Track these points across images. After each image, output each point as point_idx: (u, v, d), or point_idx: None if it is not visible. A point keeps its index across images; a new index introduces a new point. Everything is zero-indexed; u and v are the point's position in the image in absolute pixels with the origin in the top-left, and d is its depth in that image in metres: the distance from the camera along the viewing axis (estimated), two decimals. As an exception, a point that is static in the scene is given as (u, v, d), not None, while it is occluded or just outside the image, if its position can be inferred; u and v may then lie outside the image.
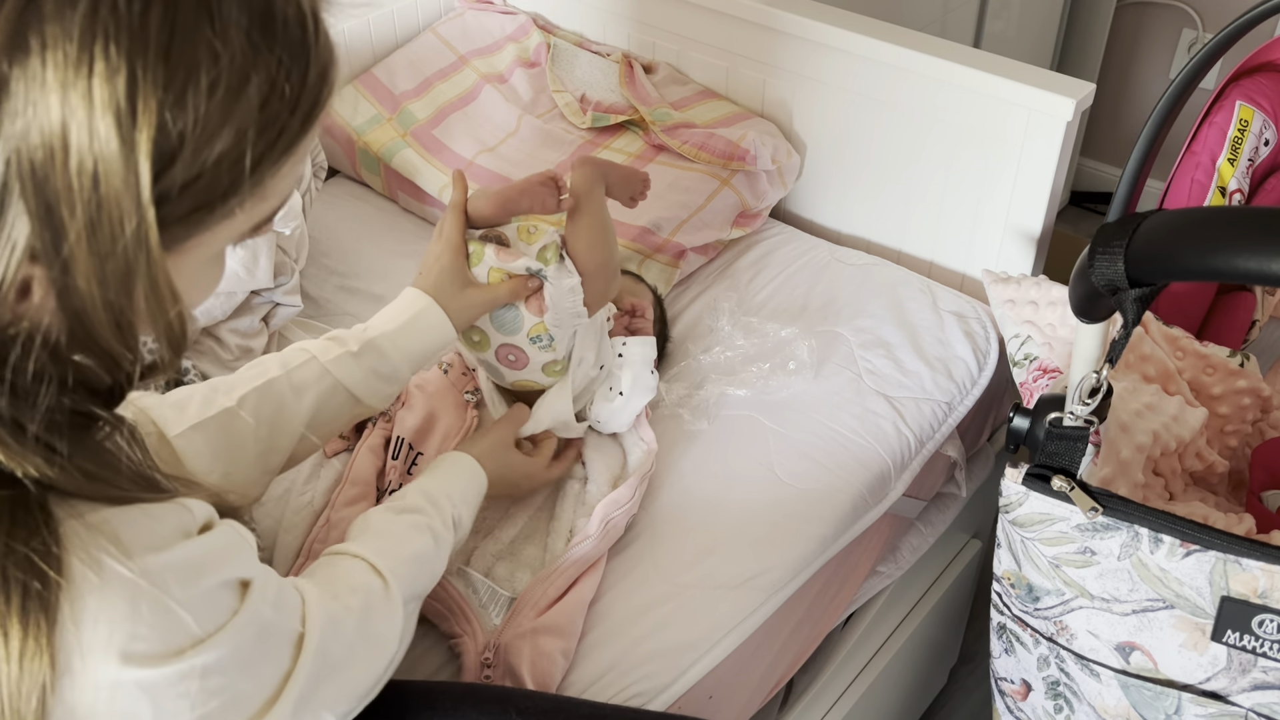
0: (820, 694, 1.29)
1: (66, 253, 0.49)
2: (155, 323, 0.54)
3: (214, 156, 0.51)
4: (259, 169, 0.53)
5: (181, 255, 0.54)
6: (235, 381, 0.89)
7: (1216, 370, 1.13)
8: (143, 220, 0.49)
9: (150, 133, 0.48)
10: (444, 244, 1.00)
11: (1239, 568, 0.81)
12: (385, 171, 1.57)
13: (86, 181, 0.47)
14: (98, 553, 0.53)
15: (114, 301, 0.51)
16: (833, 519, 1.12)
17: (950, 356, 1.30)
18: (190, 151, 0.50)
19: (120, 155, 0.48)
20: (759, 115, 1.55)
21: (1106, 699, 0.93)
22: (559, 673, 0.96)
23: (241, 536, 0.65)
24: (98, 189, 0.48)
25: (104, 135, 0.47)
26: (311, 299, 1.40)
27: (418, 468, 1.11)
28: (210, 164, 0.51)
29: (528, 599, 1.00)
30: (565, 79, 1.64)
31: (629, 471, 1.14)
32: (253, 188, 0.54)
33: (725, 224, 1.46)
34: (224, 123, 0.50)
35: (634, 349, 1.11)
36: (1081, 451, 0.85)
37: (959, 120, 1.36)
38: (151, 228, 0.49)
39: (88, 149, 0.47)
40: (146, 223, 0.49)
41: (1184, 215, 0.71)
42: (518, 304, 1.00)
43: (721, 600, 1.03)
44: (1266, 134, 1.31)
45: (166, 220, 0.51)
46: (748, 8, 1.47)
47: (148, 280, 0.51)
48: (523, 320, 0.99)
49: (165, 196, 0.50)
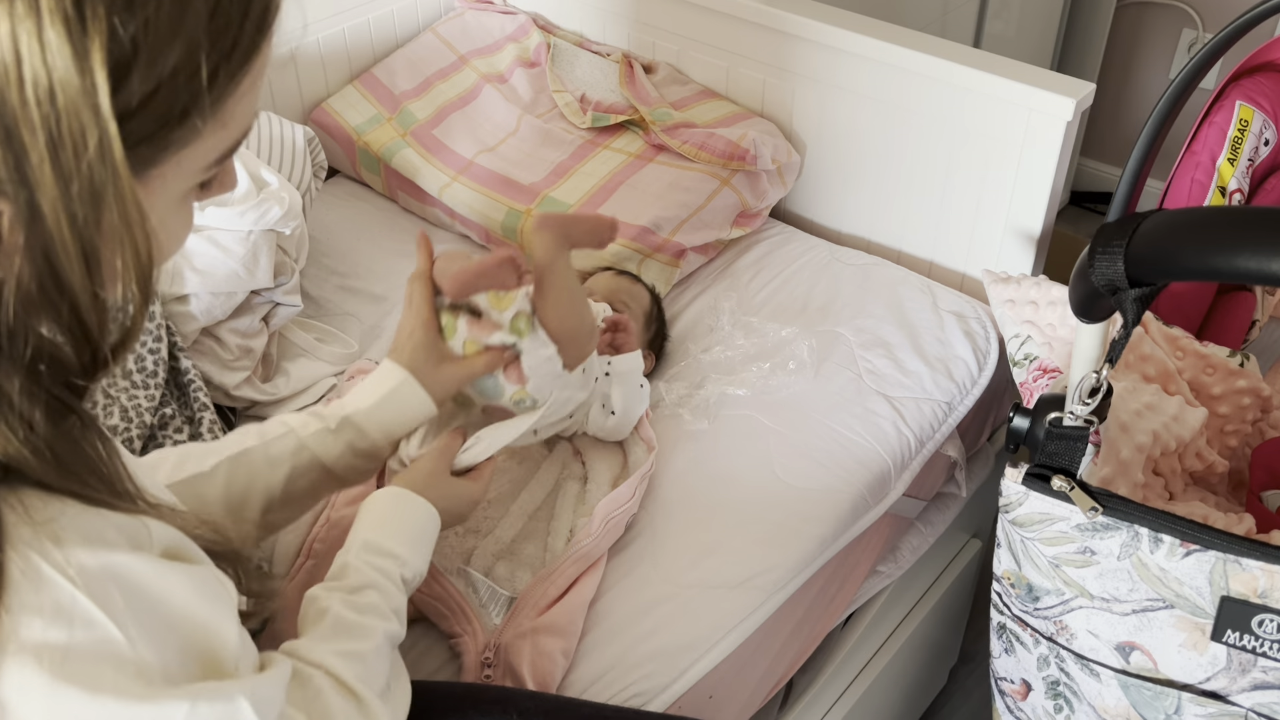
0: (820, 694, 1.29)
1: (31, 177, 0.48)
2: (124, 253, 0.52)
3: (169, 68, 0.50)
4: (216, 83, 0.52)
5: (148, 186, 0.53)
6: (210, 449, 0.88)
7: (1216, 370, 1.13)
8: (105, 134, 0.48)
9: (102, 40, 0.47)
10: (414, 318, 0.97)
11: (1239, 567, 0.81)
12: (385, 171, 1.57)
13: (43, 96, 0.47)
14: (28, 550, 0.51)
15: (83, 231, 0.50)
16: (833, 519, 1.12)
17: (950, 356, 1.30)
18: (145, 62, 0.49)
19: (75, 66, 0.47)
20: (759, 115, 1.55)
21: (1106, 699, 0.93)
22: (559, 672, 0.96)
23: (219, 581, 0.61)
24: (55, 104, 0.47)
25: (55, 45, 0.46)
26: (311, 299, 1.40)
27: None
28: (167, 75, 0.50)
29: (528, 599, 1.00)
30: (565, 79, 1.64)
31: (629, 471, 1.14)
32: (213, 106, 0.53)
33: (725, 224, 1.46)
34: (175, 31, 0.50)
35: (621, 365, 1.10)
36: (1081, 451, 0.85)
37: (959, 120, 1.36)
38: (115, 141, 0.49)
39: (41, 63, 0.46)
40: (109, 136, 0.48)
41: (1184, 215, 0.71)
42: (496, 373, 0.99)
43: (721, 600, 1.03)
44: (1266, 134, 1.31)
45: (130, 139, 0.50)
46: (748, 8, 1.47)
47: (117, 204, 0.50)
48: (503, 388, 0.98)
49: (126, 111, 0.49)
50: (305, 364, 1.30)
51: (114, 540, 0.54)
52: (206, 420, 1.14)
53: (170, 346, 1.16)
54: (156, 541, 0.57)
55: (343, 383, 1.26)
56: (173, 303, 1.18)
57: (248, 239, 1.20)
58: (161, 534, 0.58)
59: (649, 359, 1.27)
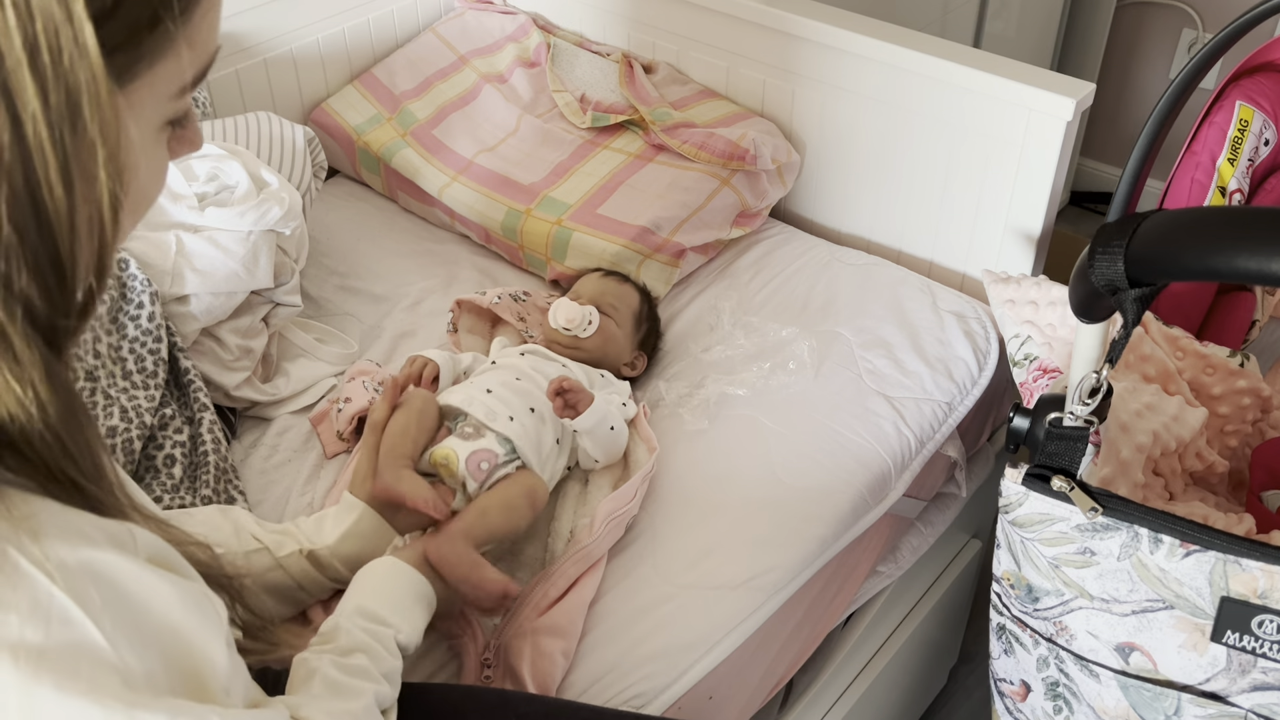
0: (820, 694, 1.29)
1: (10, 85, 0.47)
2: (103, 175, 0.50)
3: None
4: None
5: (127, 101, 0.52)
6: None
7: (1216, 370, 1.13)
8: (80, 36, 0.48)
9: None
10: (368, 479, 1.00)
11: (1239, 568, 0.81)
12: (385, 171, 1.57)
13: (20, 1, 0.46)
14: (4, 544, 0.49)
15: (63, 144, 0.48)
16: (833, 519, 1.12)
17: (950, 356, 1.30)
18: None
19: None
20: (759, 115, 1.55)
21: (1106, 700, 0.93)
22: (559, 673, 0.96)
23: (209, 600, 0.58)
24: (30, 7, 0.46)
25: None
26: (311, 299, 1.40)
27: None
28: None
29: (528, 599, 1.00)
30: (565, 79, 1.64)
31: (630, 471, 1.14)
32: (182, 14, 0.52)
33: (725, 223, 1.46)
34: None
35: (585, 424, 1.09)
36: (1081, 451, 0.85)
37: (959, 120, 1.36)
38: (91, 43, 0.48)
39: None
40: (85, 38, 0.48)
41: (1184, 215, 0.71)
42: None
43: (721, 600, 1.03)
44: (1266, 134, 1.31)
45: (106, 45, 0.49)
46: (748, 8, 1.47)
47: (96, 115, 0.49)
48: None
49: (101, 13, 0.48)
50: (305, 364, 1.30)
51: (95, 538, 0.52)
52: (206, 421, 1.14)
53: (170, 347, 1.16)
54: (142, 548, 0.55)
55: (343, 383, 1.26)
56: (173, 303, 1.18)
57: (248, 239, 1.20)
58: (148, 541, 0.56)
59: (640, 359, 1.27)
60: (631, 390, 1.23)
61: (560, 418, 1.09)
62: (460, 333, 1.31)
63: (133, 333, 1.12)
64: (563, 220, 1.41)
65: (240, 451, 1.20)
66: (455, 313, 1.31)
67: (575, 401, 1.09)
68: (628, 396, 1.20)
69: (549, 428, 1.09)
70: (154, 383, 1.12)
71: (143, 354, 1.12)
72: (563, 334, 1.21)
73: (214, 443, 1.12)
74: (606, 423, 1.11)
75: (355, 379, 1.23)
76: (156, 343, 1.13)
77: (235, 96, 1.55)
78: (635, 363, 1.27)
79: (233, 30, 1.52)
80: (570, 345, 1.21)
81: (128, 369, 1.11)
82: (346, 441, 1.19)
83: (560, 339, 1.21)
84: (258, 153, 1.32)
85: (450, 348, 1.31)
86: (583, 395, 1.10)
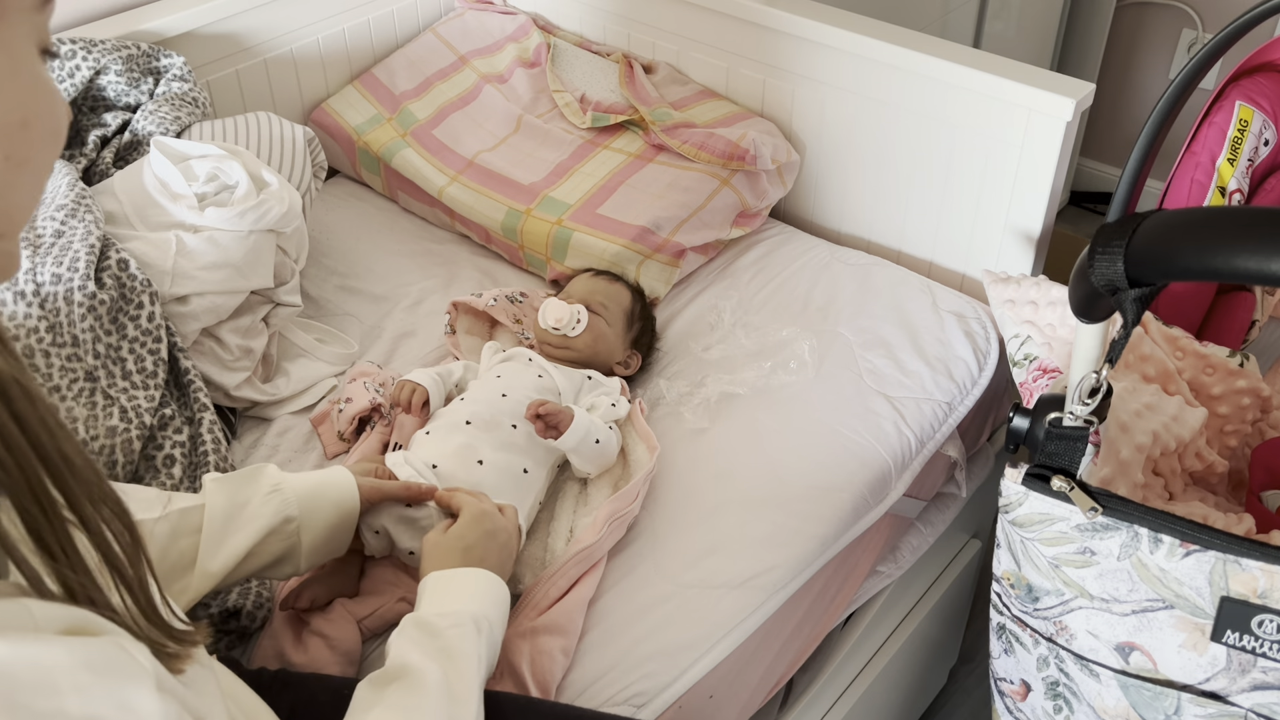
0: (820, 694, 1.29)
1: None
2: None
3: None
4: None
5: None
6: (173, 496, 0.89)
7: (1216, 370, 1.14)
8: None
9: None
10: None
11: (1239, 568, 0.81)
12: (385, 171, 1.57)
13: None
14: None
15: None
16: (833, 519, 1.12)
17: (950, 356, 1.30)
18: None
19: None
20: (759, 115, 1.56)
21: (1106, 699, 0.93)
22: (559, 671, 0.96)
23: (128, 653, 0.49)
24: None
25: None
26: (311, 299, 1.40)
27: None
28: None
29: (529, 598, 1.00)
30: (565, 79, 1.64)
31: (630, 471, 1.14)
32: None
33: (725, 223, 1.46)
34: None
35: (569, 443, 1.08)
36: (1081, 451, 0.85)
37: (959, 120, 1.36)
38: None
39: None
40: None
41: (1184, 215, 0.71)
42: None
43: (722, 600, 1.03)
44: (1266, 134, 1.31)
45: None
46: (748, 8, 1.47)
47: None
48: None
49: None
50: (305, 364, 1.30)
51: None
52: (206, 421, 1.13)
53: (170, 347, 1.16)
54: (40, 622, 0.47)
55: (344, 384, 1.26)
56: (172, 303, 1.18)
57: (247, 239, 1.20)
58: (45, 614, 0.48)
59: (634, 357, 1.27)
60: (628, 388, 1.23)
61: (543, 439, 1.08)
62: (459, 334, 1.31)
63: (133, 333, 1.12)
64: (563, 220, 1.41)
65: (240, 452, 1.20)
66: (452, 314, 1.31)
67: (556, 422, 1.07)
68: (618, 394, 1.20)
69: (510, 468, 1.07)
70: (154, 383, 1.12)
71: (143, 354, 1.12)
72: (552, 333, 1.21)
73: (214, 443, 1.12)
74: (591, 437, 1.10)
75: (356, 380, 1.23)
76: (156, 343, 1.13)
77: (235, 96, 1.55)
78: (629, 361, 1.26)
79: (233, 30, 1.52)
80: (560, 345, 1.21)
81: (128, 369, 1.11)
82: (347, 442, 1.19)
83: (550, 339, 1.21)
84: (258, 153, 1.33)
85: (449, 349, 1.31)
86: (563, 415, 1.08)
